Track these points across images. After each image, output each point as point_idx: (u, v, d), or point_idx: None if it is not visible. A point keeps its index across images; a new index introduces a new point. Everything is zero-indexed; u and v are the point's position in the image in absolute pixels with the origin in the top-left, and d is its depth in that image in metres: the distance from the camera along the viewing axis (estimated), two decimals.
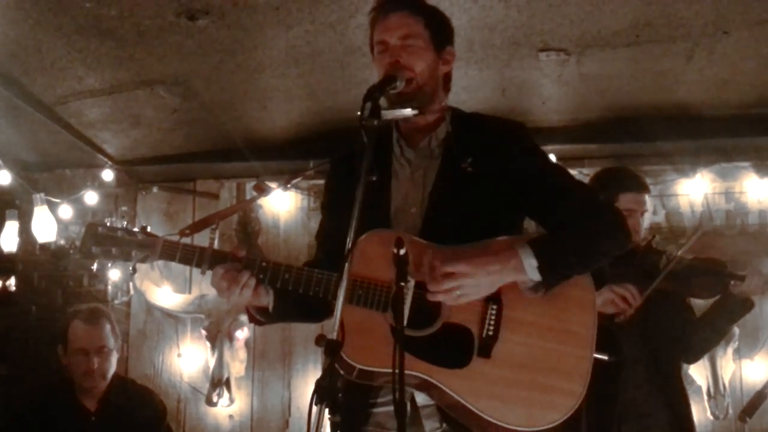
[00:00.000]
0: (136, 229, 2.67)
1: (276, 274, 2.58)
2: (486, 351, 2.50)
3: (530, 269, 2.48)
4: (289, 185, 5.56)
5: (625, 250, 2.72)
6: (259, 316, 2.75)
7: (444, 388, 2.46)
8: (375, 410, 2.64)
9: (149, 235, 2.66)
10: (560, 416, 2.48)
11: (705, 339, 3.95)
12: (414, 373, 2.42)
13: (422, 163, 2.75)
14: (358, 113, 2.38)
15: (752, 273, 3.76)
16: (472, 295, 2.48)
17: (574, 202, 2.66)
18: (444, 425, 2.57)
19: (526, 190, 2.67)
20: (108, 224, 2.68)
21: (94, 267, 5.88)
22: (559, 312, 2.55)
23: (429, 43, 2.70)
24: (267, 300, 2.68)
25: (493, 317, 2.51)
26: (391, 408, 2.52)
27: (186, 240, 2.68)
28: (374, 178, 2.46)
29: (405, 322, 2.40)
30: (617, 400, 3.82)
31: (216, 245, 2.67)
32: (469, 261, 2.45)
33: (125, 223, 2.71)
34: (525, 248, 2.49)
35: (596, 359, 2.61)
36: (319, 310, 2.67)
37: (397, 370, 2.12)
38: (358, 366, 2.44)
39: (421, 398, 2.57)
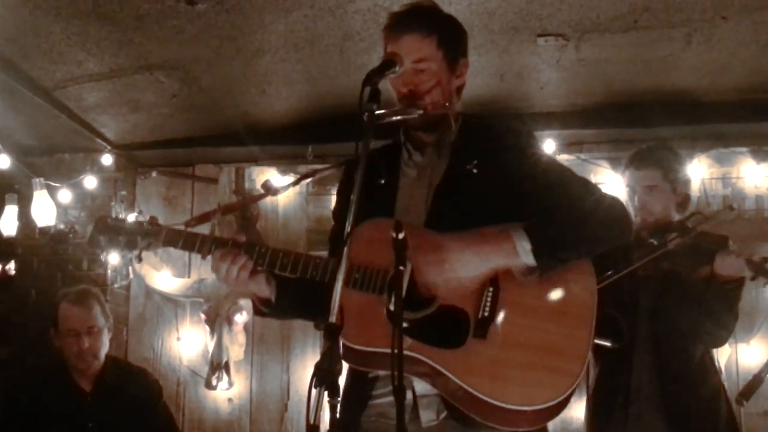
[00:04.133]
0: (143, 219, 2.77)
1: (274, 259, 2.63)
2: (482, 332, 2.50)
3: (523, 253, 2.49)
4: (296, 184, 5.62)
5: (626, 240, 2.75)
6: (262, 308, 2.78)
7: (438, 367, 2.47)
8: (376, 401, 2.65)
9: (155, 224, 2.75)
10: (557, 395, 2.46)
11: (713, 321, 3.89)
12: (409, 353, 2.42)
13: (429, 164, 2.77)
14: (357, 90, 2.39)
15: (721, 253, 3.70)
16: (459, 271, 2.49)
17: (573, 194, 2.68)
18: (442, 416, 2.57)
19: (529, 193, 2.68)
20: (117, 217, 2.82)
21: (103, 256, 5.92)
22: (557, 294, 2.55)
23: (442, 63, 2.71)
24: (270, 290, 2.72)
25: (489, 299, 2.52)
26: (391, 398, 2.55)
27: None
28: (383, 182, 2.50)
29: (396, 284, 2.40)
30: (627, 375, 3.84)
31: (217, 232, 2.74)
32: (459, 240, 2.49)
33: (135, 215, 2.81)
34: (519, 231, 2.50)
35: (598, 345, 2.61)
36: (320, 307, 2.67)
37: (396, 350, 2.14)
38: (356, 347, 2.46)
39: (420, 387, 2.58)
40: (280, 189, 5.49)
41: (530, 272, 2.52)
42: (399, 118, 2.63)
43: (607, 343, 3.66)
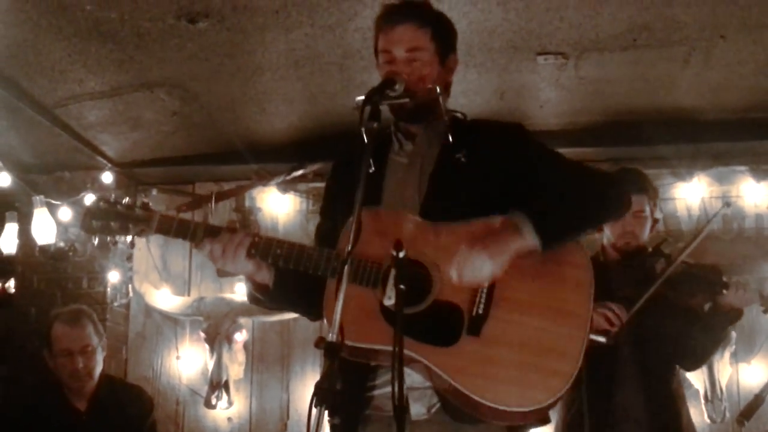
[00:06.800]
0: (135, 204, 2.72)
1: (268, 248, 2.59)
2: (475, 330, 2.48)
3: (528, 233, 2.47)
4: (288, 177, 5.63)
5: (621, 215, 2.79)
6: (258, 294, 2.74)
7: (430, 366, 2.45)
8: (373, 393, 2.63)
9: (147, 209, 2.69)
10: (549, 397, 2.45)
11: (699, 346, 3.96)
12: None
13: (420, 152, 2.77)
14: (356, 104, 2.41)
15: (735, 285, 3.79)
16: (487, 272, 2.45)
17: (571, 177, 2.69)
18: (434, 410, 2.56)
19: (526, 179, 2.68)
20: (110, 199, 2.73)
21: (118, 269, 5.89)
22: (553, 291, 2.53)
23: (434, 55, 2.71)
24: (268, 277, 2.68)
25: (483, 296, 2.50)
26: (388, 390, 2.51)
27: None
28: (372, 170, 2.46)
29: (394, 300, 2.35)
30: (612, 401, 3.83)
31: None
32: (474, 243, 2.45)
33: (127, 199, 2.75)
34: (520, 216, 2.50)
35: (593, 341, 2.59)
36: (316, 301, 2.62)
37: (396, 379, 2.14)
38: (347, 342, 2.36)
39: (411, 379, 2.55)
40: (272, 179, 5.50)
41: (532, 247, 2.50)
42: (391, 102, 2.59)
43: (602, 339, 3.64)
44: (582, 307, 2.54)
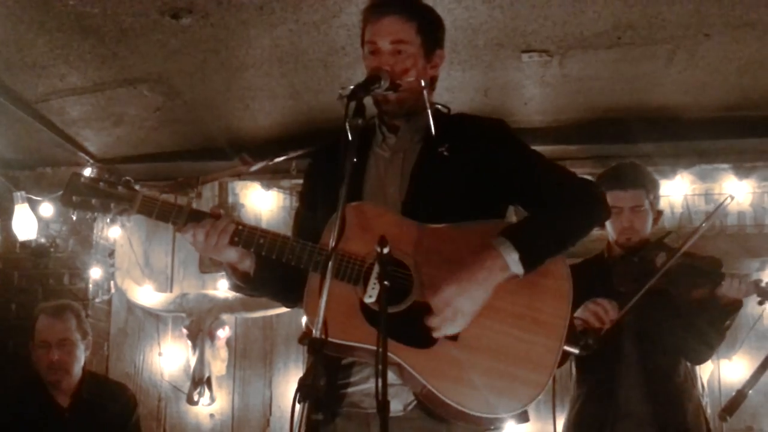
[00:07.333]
0: (119, 181, 2.65)
1: (251, 237, 2.56)
2: (454, 334, 2.49)
3: (513, 264, 2.47)
4: (272, 162, 5.60)
5: (602, 222, 2.81)
6: (239, 282, 2.72)
7: (406, 366, 2.45)
8: (349, 390, 2.61)
9: (130, 188, 2.63)
10: (521, 405, 2.47)
11: (705, 339, 3.94)
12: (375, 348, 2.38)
13: (402, 146, 2.77)
14: (342, 91, 2.42)
15: (731, 277, 3.77)
16: (473, 310, 2.46)
17: (550, 183, 2.69)
18: (410, 407, 2.55)
19: (506, 178, 2.69)
20: (91, 175, 2.68)
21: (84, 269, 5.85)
22: (532, 301, 2.54)
23: (420, 49, 2.71)
24: (249, 265, 2.67)
25: None
26: (364, 387, 2.57)
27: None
28: (354, 160, 2.46)
29: (375, 298, 2.39)
30: (613, 397, 3.83)
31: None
32: (456, 282, 2.44)
33: (109, 174, 2.69)
34: (504, 244, 2.48)
35: (566, 351, 2.60)
36: (299, 289, 2.60)
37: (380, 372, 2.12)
38: (330, 340, 2.33)
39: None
40: (256, 164, 5.50)
41: (515, 275, 2.52)
42: (374, 92, 2.59)
43: (575, 351, 3.62)
44: (559, 318, 2.55)
